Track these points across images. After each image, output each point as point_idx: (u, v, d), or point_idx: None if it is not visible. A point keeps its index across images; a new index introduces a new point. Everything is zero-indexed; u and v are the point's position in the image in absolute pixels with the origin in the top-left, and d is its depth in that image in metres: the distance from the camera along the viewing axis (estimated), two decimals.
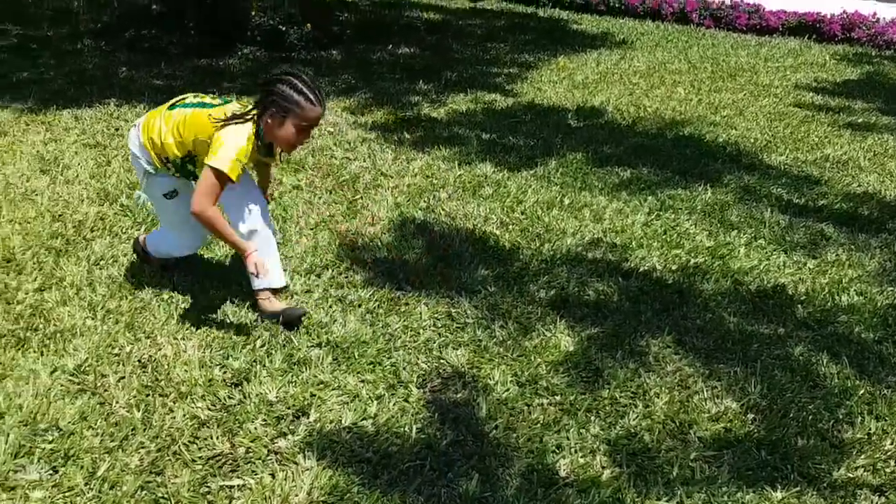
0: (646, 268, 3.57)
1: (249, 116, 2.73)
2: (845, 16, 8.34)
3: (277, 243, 3.13)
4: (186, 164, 2.87)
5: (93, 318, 2.99)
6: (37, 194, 4.03)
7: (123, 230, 3.75)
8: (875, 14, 8.45)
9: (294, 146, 2.78)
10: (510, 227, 3.93)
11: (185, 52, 6.85)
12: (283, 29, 7.56)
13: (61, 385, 2.60)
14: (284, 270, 3.39)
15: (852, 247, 3.82)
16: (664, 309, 3.23)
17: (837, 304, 3.32)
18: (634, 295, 3.33)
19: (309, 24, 7.65)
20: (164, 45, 7.08)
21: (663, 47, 7.74)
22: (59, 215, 3.84)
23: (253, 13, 7.80)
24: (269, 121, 2.69)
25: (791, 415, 2.63)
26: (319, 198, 4.19)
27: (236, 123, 2.71)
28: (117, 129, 5.01)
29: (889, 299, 3.38)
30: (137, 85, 5.96)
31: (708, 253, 3.72)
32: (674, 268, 3.58)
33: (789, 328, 3.13)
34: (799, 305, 3.30)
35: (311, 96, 2.65)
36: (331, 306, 3.15)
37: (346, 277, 3.40)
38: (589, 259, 3.63)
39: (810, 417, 2.62)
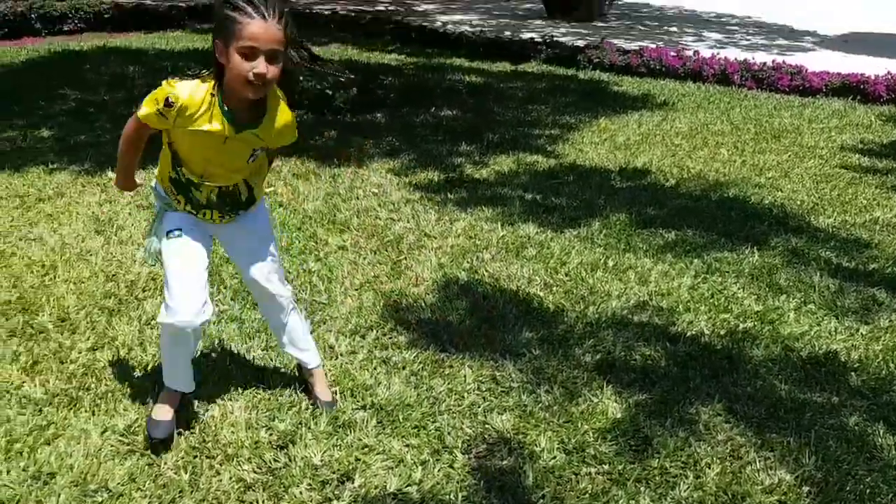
0: (693, 332, 3.52)
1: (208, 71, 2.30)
2: (890, 77, 8.29)
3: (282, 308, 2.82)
4: (179, 173, 2.43)
5: (143, 379, 3.04)
6: (91, 254, 4.15)
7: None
8: None
9: (250, 83, 2.16)
10: (554, 288, 3.92)
11: None
12: (330, 93, 7.75)
13: (111, 445, 2.63)
14: (329, 331, 3.42)
15: None
16: (713, 375, 3.18)
17: (892, 373, 3.22)
18: (682, 360, 3.28)
19: (354, 88, 7.85)
20: None
21: (705, 108, 7.76)
22: (113, 275, 3.94)
23: (301, 78, 8.03)
24: (221, 58, 2.19)
25: (848, 488, 2.54)
26: (364, 258, 4.24)
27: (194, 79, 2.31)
28: None
29: None
30: None
31: (757, 318, 3.66)
32: (722, 332, 3.53)
33: (843, 397, 3.05)
34: (852, 373, 3.22)
35: (249, 7, 2.11)
36: (375, 368, 3.16)
37: (391, 338, 3.42)
38: (635, 322, 3.59)
39: (868, 491, 2.54)
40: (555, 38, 11.66)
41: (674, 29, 14.06)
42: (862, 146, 6.52)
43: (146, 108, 2.28)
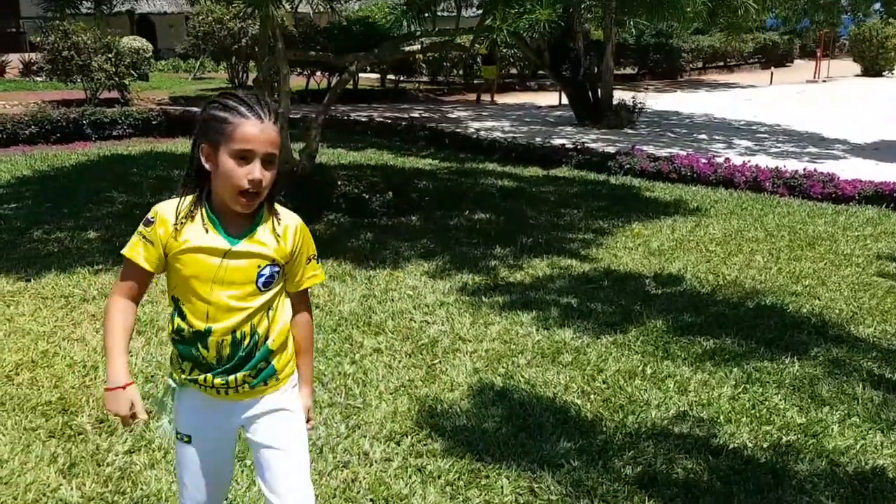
0: (736, 445, 3.43)
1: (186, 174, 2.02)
2: None
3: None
4: (183, 324, 2.03)
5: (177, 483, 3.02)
6: (132, 355, 4.21)
7: None
8: None
9: (243, 191, 1.90)
10: (591, 396, 3.88)
11: None
12: (367, 196, 7.95)
13: None
14: (364, 436, 3.40)
15: None
16: (758, 490, 3.08)
17: None
18: (725, 474, 3.19)
19: (390, 192, 8.05)
20: None
21: (738, 215, 7.80)
22: (152, 376, 3.98)
23: (339, 182, 8.27)
24: (207, 163, 1.93)
25: None
26: (399, 361, 4.24)
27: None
28: None
29: None
30: None
31: (800, 430, 3.57)
32: (765, 445, 3.44)
33: None
34: None
35: (241, 107, 1.89)
36: (410, 476, 3.11)
37: (426, 445, 3.38)
38: (675, 433, 3.52)
39: None
40: (585, 145, 11.93)
41: (703, 136, 14.30)
42: None
43: (129, 245, 2.01)
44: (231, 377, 2.03)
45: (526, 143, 12.08)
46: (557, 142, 12.62)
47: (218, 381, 2.03)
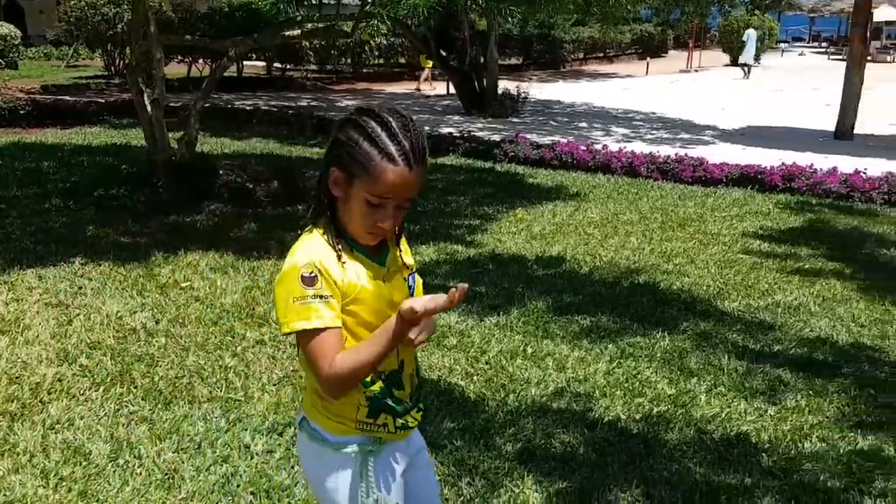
0: (610, 417, 3.58)
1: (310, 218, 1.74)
2: (784, 167, 8.87)
3: None
4: (379, 379, 1.77)
5: (44, 487, 2.89)
6: None
7: (81, 391, 3.68)
8: (812, 165, 9.00)
9: (373, 233, 1.70)
10: (475, 377, 3.94)
11: (153, 210, 6.98)
12: (251, 186, 7.77)
13: None
14: (245, 430, 3.34)
15: (810, 392, 3.89)
16: (631, 461, 3.22)
17: (801, 452, 3.34)
18: (600, 446, 3.32)
19: (276, 181, 7.89)
20: (132, 203, 7.21)
21: (615, 199, 8.10)
22: (17, 377, 3.76)
23: (221, 171, 8.04)
24: (336, 189, 1.68)
25: None
26: (283, 352, 4.18)
27: (302, 233, 1.74)
28: (80, 288, 5.01)
29: (851, 445, 3.41)
30: (103, 243, 6.02)
31: (670, 401, 3.76)
32: (637, 417, 3.60)
33: (755, 478, 3.13)
34: (763, 454, 3.32)
35: (391, 145, 1.61)
36: (293, 467, 3.08)
37: None
38: (554, 409, 3.64)
39: None
40: (472, 133, 12.07)
41: (583, 124, 14.75)
42: (762, 232, 6.90)
43: (304, 317, 1.61)
44: (415, 411, 1.83)
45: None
46: (445, 130, 12.71)
47: (417, 415, 1.83)
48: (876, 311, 5.03)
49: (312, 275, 1.62)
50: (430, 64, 20.33)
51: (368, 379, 1.71)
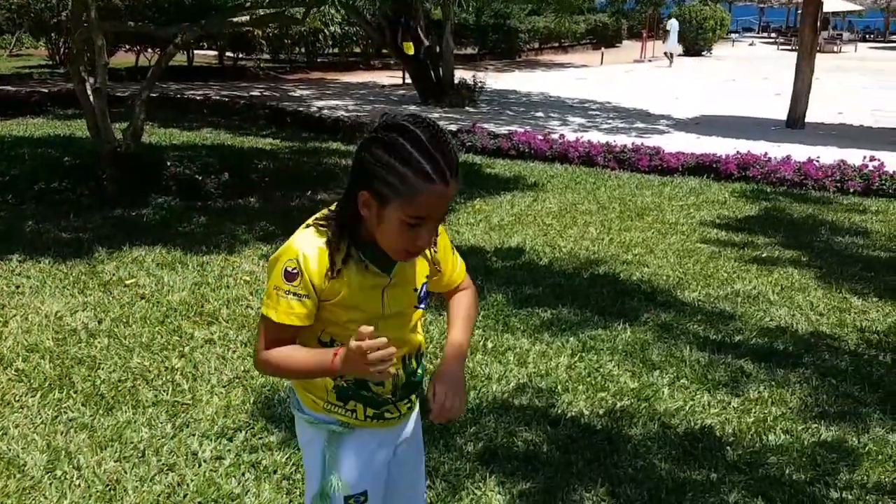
0: (573, 413, 3.49)
1: (330, 213, 1.67)
2: (739, 156, 8.92)
3: None
4: None
5: None
6: None
7: (17, 398, 3.47)
8: (766, 154, 9.06)
9: (406, 252, 1.62)
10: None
11: (97, 204, 6.70)
12: (200, 178, 7.53)
13: None
14: (193, 435, 3.18)
15: (772, 383, 3.85)
16: (595, 458, 3.13)
17: (766, 445, 3.29)
18: (564, 444, 3.23)
19: (226, 173, 7.66)
20: (75, 196, 6.92)
21: (573, 189, 8.04)
22: None
23: (169, 163, 7.77)
24: (364, 210, 1.58)
25: None
26: (234, 352, 4.01)
27: (308, 227, 1.66)
28: (17, 287, 4.76)
29: (815, 437, 3.37)
30: (43, 239, 5.75)
31: (633, 395, 3.68)
32: (601, 412, 3.52)
33: (721, 473, 3.07)
34: (728, 447, 3.26)
35: (425, 163, 1.49)
36: (243, 474, 2.93)
37: (261, 439, 3.20)
38: (516, 406, 3.53)
39: None
40: None
41: (540, 114, 14.70)
42: (719, 221, 6.90)
43: (273, 307, 1.62)
44: (402, 403, 1.81)
45: (370, 122, 11.88)
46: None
47: (403, 406, 1.81)
48: (834, 299, 5.04)
49: (294, 271, 1.60)
50: (411, 49, 20.02)
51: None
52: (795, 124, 12.98)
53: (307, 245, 1.61)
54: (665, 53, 26.53)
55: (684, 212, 7.18)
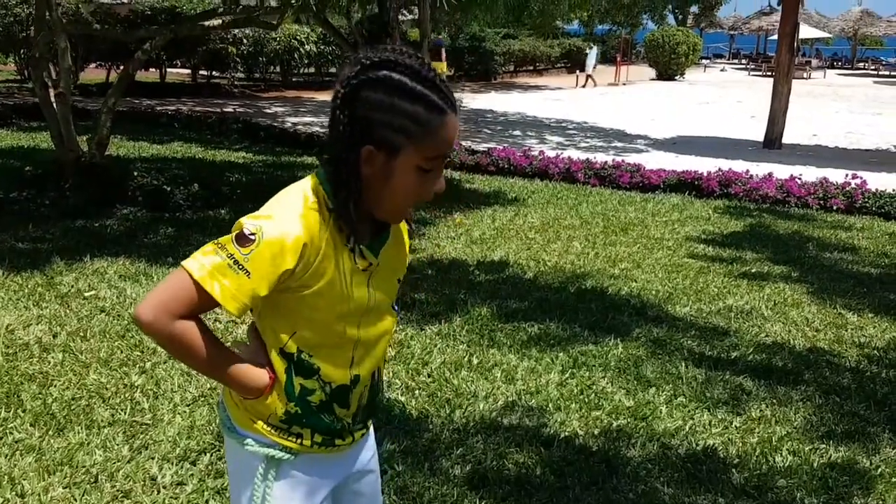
0: (567, 433, 3.25)
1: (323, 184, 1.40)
2: (721, 173, 8.80)
3: None
4: (309, 391, 1.46)
5: None
6: None
7: None
8: (748, 171, 8.97)
9: (411, 203, 1.41)
10: (416, 392, 3.56)
11: (59, 214, 6.37)
12: (168, 189, 7.22)
13: None
14: (152, 458, 2.88)
15: (774, 401, 3.64)
16: (592, 482, 2.89)
17: (773, 467, 3.07)
18: (558, 466, 2.98)
19: (196, 185, 7.36)
20: (35, 206, 6.58)
21: (554, 204, 7.85)
22: None
23: (136, 174, 7.46)
24: (367, 168, 1.34)
25: None
26: None
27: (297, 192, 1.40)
28: None
29: (823, 458, 3.16)
30: None
31: (629, 414, 3.45)
32: (596, 432, 3.28)
33: (728, 497, 2.84)
34: (734, 470, 3.03)
35: (431, 93, 1.31)
36: (207, 502, 2.63)
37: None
38: (505, 426, 3.28)
39: None
40: None
41: (517, 133, 14.57)
42: (705, 237, 6.73)
43: (200, 263, 1.33)
44: (359, 430, 1.56)
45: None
46: None
47: (359, 434, 1.56)
48: (829, 315, 4.87)
49: (252, 238, 1.30)
50: (443, 68, 21.19)
51: (301, 388, 1.43)
52: (773, 144, 12.97)
53: (288, 216, 1.33)
54: (587, 76, 27.44)
55: (669, 227, 7.01)
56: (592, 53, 27.47)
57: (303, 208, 1.35)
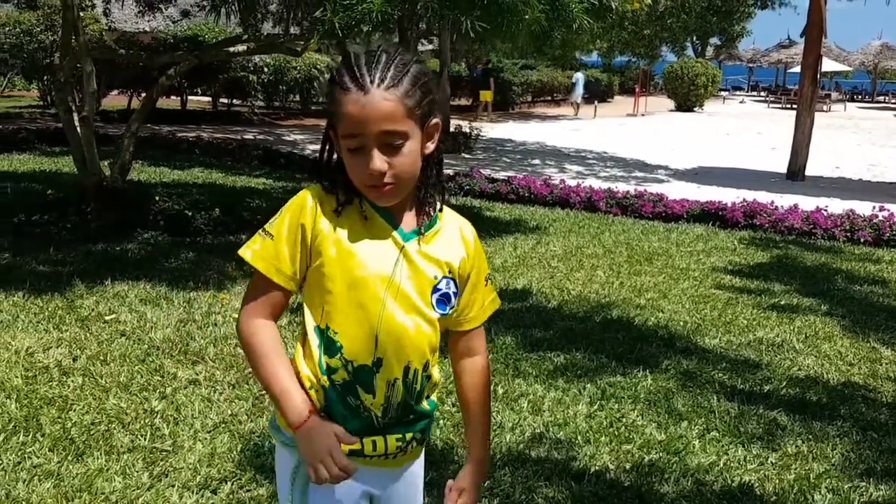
0: (597, 467, 3.14)
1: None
2: (745, 204, 8.71)
3: None
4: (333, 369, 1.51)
5: None
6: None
7: None
8: (773, 202, 8.87)
9: (373, 185, 1.45)
10: (441, 422, 3.47)
11: (80, 238, 6.36)
12: (189, 214, 7.21)
13: None
14: (172, 486, 2.81)
15: (810, 437, 3.53)
16: None
17: None
18: (590, 502, 2.88)
19: (217, 209, 7.35)
20: (56, 230, 6.58)
21: (577, 233, 7.78)
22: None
23: (157, 198, 7.47)
24: (336, 146, 1.49)
25: None
26: (220, 394, 3.65)
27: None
28: None
29: (864, 497, 3.04)
30: (19, 271, 5.39)
31: (661, 448, 3.34)
32: (628, 466, 3.17)
33: None
34: None
35: (346, 75, 1.41)
36: None
37: (249, 491, 2.83)
38: (533, 458, 3.18)
39: None
40: None
41: (536, 161, 14.56)
42: (731, 268, 6.62)
43: (260, 257, 1.48)
44: (393, 439, 1.54)
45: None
46: None
47: (392, 441, 1.53)
48: (862, 349, 4.74)
49: (279, 213, 1.51)
50: (490, 96, 23.63)
51: (327, 366, 1.48)
52: (796, 176, 12.86)
53: (305, 191, 1.51)
54: (571, 103, 27.99)
55: (694, 257, 6.91)
56: (579, 81, 27.91)
57: (308, 189, 1.52)
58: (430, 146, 1.52)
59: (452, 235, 1.58)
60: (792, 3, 40.81)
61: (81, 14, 5.99)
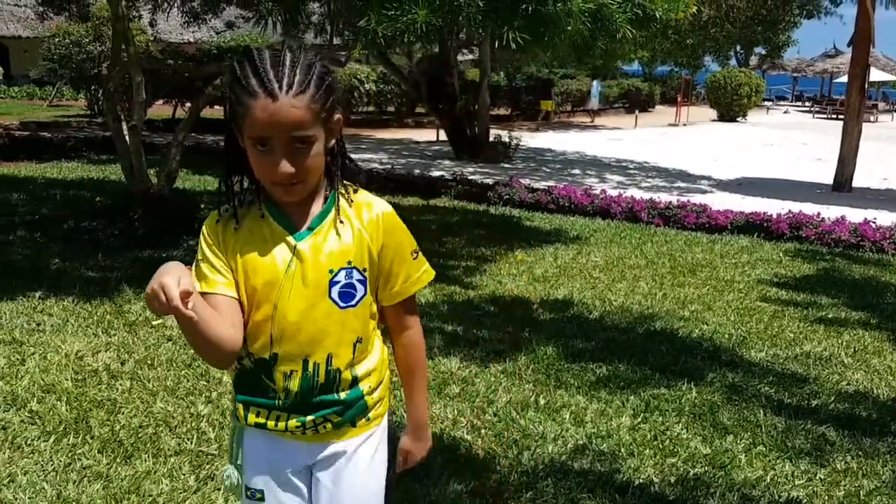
0: (641, 480, 3.11)
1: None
2: (791, 215, 8.55)
3: None
4: (246, 354, 1.61)
5: None
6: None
7: (28, 441, 3.17)
8: (819, 214, 8.70)
9: (280, 183, 1.49)
10: (483, 431, 3.47)
11: (127, 244, 6.50)
12: None
13: None
14: (218, 489, 2.84)
15: (860, 453, 3.44)
16: None
17: None
18: None
19: None
20: (104, 236, 6.73)
21: (618, 243, 7.72)
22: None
23: (203, 206, 7.59)
24: (241, 142, 1.51)
25: None
26: None
27: None
28: (38, 325, 4.51)
29: None
30: (69, 277, 5.53)
31: (707, 462, 3.29)
32: (672, 480, 3.13)
33: None
34: None
35: (252, 78, 1.42)
36: None
37: None
38: (576, 470, 3.16)
39: None
40: (465, 176, 11.74)
41: (576, 171, 14.48)
42: (777, 280, 6.51)
43: (198, 271, 1.56)
44: (294, 421, 1.60)
45: (405, 174, 11.77)
46: (437, 173, 12.38)
47: (293, 422, 1.60)
48: None
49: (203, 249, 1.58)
50: (551, 106, 24.57)
51: (244, 350, 1.58)
52: (842, 187, 12.59)
53: (204, 225, 1.60)
54: (587, 111, 28.28)
55: (739, 269, 6.80)
56: (595, 89, 28.15)
57: (206, 222, 1.60)
58: (332, 141, 1.55)
59: (356, 221, 1.59)
60: (838, 13, 40.09)
61: (129, 25, 6.12)
